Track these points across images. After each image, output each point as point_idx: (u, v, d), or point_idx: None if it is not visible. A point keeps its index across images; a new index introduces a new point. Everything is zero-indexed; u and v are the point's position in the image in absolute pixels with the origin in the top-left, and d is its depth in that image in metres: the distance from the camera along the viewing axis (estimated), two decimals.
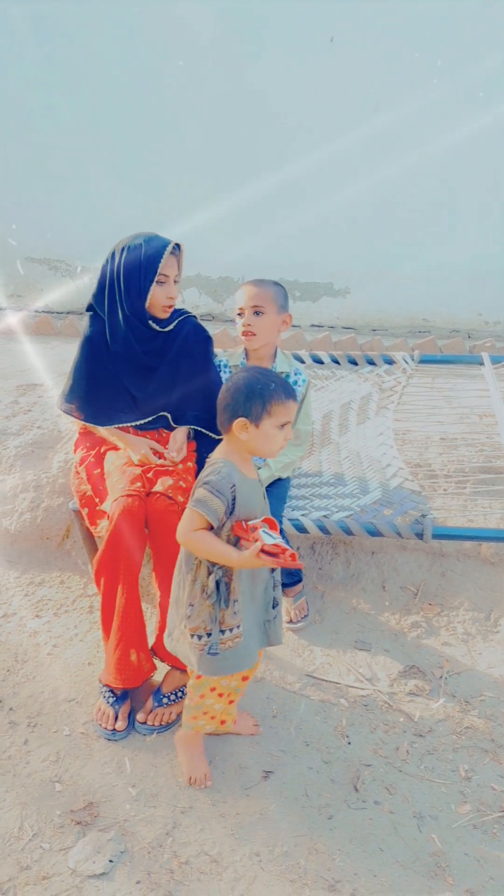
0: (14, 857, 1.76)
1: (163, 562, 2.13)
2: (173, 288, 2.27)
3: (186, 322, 2.43)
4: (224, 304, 4.92)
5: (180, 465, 2.32)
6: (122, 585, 2.09)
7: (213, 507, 1.66)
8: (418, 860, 1.77)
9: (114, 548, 2.07)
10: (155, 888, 1.70)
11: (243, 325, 2.33)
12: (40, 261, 5.01)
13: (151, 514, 2.12)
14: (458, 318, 4.75)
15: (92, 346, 2.35)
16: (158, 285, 2.22)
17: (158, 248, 2.20)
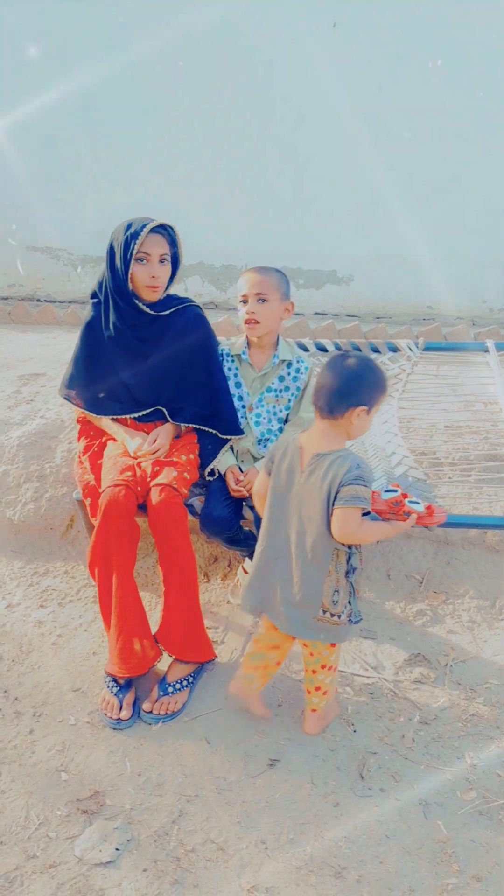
0: (20, 846, 1.77)
1: (167, 554, 2.13)
2: (157, 268, 2.21)
3: (187, 311, 2.39)
4: (227, 293, 4.90)
5: (184, 458, 2.31)
6: (115, 576, 2.09)
7: (366, 497, 1.76)
8: (424, 847, 1.77)
9: (104, 539, 2.07)
10: (161, 876, 1.70)
11: (247, 312, 2.31)
12: (41, 249, 4.98)
13: (156, 506, 2.11)
14: (462, 305, 4.73)
15: (90, 332, 2.35)
16: (139, 263, 2.19)
17: (140, 227, 2.18)
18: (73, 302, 5.07)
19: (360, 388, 1.75)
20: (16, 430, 3.01)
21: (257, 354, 2.44)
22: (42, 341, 4.08)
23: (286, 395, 2.44)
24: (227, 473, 2.37)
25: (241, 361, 2.45)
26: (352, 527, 1.76)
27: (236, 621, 2.50)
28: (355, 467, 1.75)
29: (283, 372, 2.43)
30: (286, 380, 2.43)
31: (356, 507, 1.74)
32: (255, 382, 2.44)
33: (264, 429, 2.45)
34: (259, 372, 2.43)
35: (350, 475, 1.75)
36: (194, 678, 2.21)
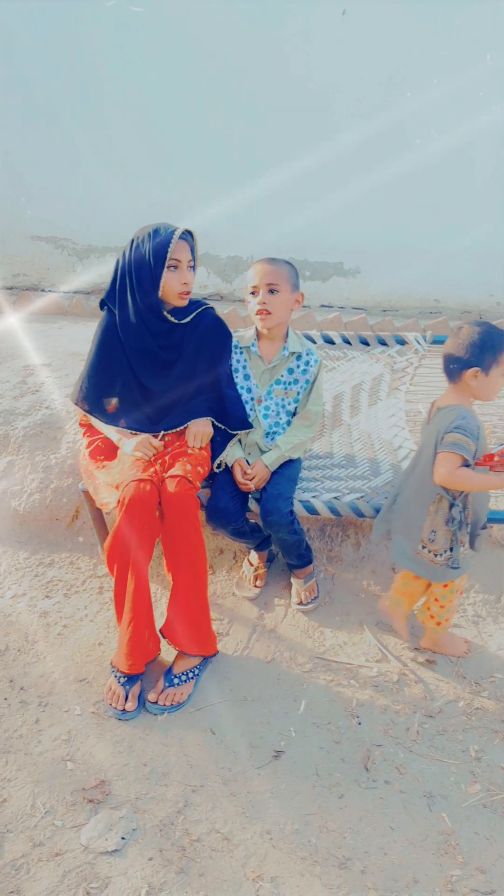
0: (27, 834, 1.78)
1: (178, 546, 2.12)
2: (187, 273, 2.21)
3: (205, 315, 2.38)
4: (233, 284, 4.88)
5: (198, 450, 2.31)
6: (132, 572, 2.09)
7: (467, 446, 1.93)
8: (428, 839, 1.78)
9: (126, 533, 2.07)
10: (167, 865, 1.71)
11: (258, 304, 2.30)
12: (46, 239, 4.97)
13: (170, 497, 2.11)
14: (469, 299, 4.70)
15: (105, 339, 2.30)
16: (171, 271, 2.18)
17: (168, 234, 2.15)
18: (78, 292, 5.05)
19: (470, 352, 1.94)
20: (21, 421, 3.01)
21: (267, 346, 2.43)
22: (47, 331, 4.07)
23: (295, 387, 2.43)
24: (235, 466, 2.36)
25: (250, 354, 2.45)
26: (446, 468, 1.94)
27: (241, 613, 2.51)
28: (461, 419, 1.96)
29: (293, 364, 2.42)
30: (295, 372, 2.42)
31: (454, 452, 1.93)
32: (265, 375, 2.43)
33: (272, 421, 2.45)
34: (268, 364, 2.42)
35: (453, 424, 1.96)
36: (200, 670, 2.22)
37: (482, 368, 1.94)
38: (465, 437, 1.94)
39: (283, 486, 2.34)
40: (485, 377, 1.96)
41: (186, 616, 2.15)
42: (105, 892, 1.65)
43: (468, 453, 1.93)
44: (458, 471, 1.94)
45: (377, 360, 3.03)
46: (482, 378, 1.96)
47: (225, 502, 2.31)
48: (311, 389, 2.43)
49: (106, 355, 2.31)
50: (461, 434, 1.94)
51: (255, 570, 2.61)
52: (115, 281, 2.25)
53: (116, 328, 2.29)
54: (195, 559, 2.14)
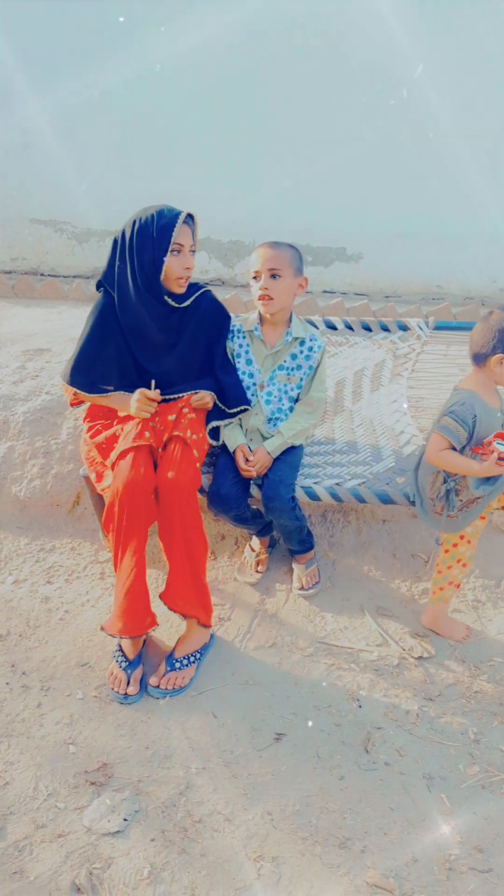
0: (29, 816, 1.79)
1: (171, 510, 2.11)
2: (189, 258, 2.19)
3: (204, 297, 2.35)
4: (234, 269, 4.86)
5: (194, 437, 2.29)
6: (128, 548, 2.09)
7: (456, 433, 2.02)
8: (427, 819, 1.80)
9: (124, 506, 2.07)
10: (169, 846, 1.73)
11: (260, 289, 2.28)
12: (45, 222, 4.93)
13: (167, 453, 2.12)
14: (472, 284, 4.68)
15: (102, 319, 2.28)
16: (173, 255, 2.15)
17: (171, 217, 2.12)
18: (78, 276, 5.03)
19: (498, 338, 1.98)
20: (21, 406, 3.01)
21: (270, 331, 2.42)
22: (47, 316, 4.05)
23: (298, 373, 2.42)
24: (237, 452, 2.36)
25: (252, 338, 2.43)
26: (432, 448, 2.07)
27: (243, 598, 2.52)
28: (459, 404, 2.04)
29: (296, 350, 2.41)
30: (298, 358, 2.42)
31: (441, 434, 2.04)
32: (267, 360, 2.42)
33: (274, 407, 2.44)
34: (271, 349, 2.41)
35: (450, 407, 2.05)
36: (201, 654, 2.23)
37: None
38: (455, 421, 2.03)
39: (284, 473, 2.34)
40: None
41: (181, 579, 2.14)
42: (108, 872, 1.67)
43: (454, 438, 2.03)
44: (442, 452, 2.05)
45: (379, 346, 3.02)
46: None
47: (226, 488, 2.31)
48: (314, 375, 2.43)
49: (101, 336, 2.28)
50: (452, 419, 2.04)
51: (256, 556, 2.61)
52: (114, 261, 2.22)
53: (113, 309, 2.26)
54: (189, 527, 2.12)
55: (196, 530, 2.13)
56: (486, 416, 2.06)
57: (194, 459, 2.18)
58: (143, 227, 2.14)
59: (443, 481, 2.14)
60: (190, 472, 2.13)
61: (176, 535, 2.11)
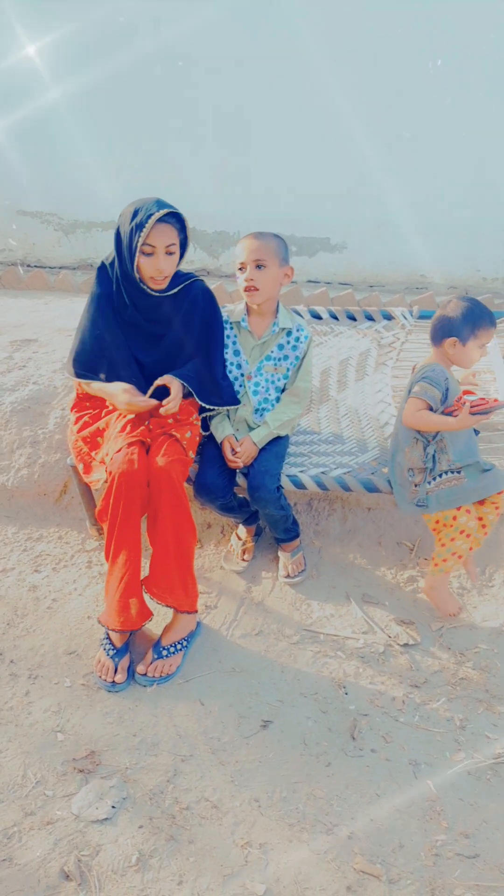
0: (18, 804, 1.80)
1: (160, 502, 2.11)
2: (162, 260, 2.12)
3: (195, 286, 2.33)
4: (219, 259, 4.84)
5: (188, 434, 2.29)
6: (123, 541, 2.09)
7: (431, 393, 2.17)
8: (414, 805, 1.82)
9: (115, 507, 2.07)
10: (157, 833, 1.74)
11: (245, 280, 2.28)
12: (32, 214, 4.90)
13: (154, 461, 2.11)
14: (455, 274, 4.70)
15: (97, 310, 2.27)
16: (144, 256, 2.11)
17: (145, 217, 2.06)
18: (64, 267, 5.00)
19: (450, 323, 2.18)
20: (8, 396, 2.99)
21: (257, 322, 2.42)
22: (33, 307, 4.03)
23: (285, 363, 2.42)
24: (224, 443, 2.36)
25: (240, 329, 2.43)
26: (409, 411, 2.20)
27: (229, 587, 2.52)
28: (430, 370, 2.21)
29: (283, 340, 2.41)
30: (286, 348, 2.42)
31: (417, 397, 2.18)
32: (255, 350, 2.42)
33: (262, 398, 2.44)
34: (258, 340, 2.41)
35: (422, 375, 2.21)
36: (188, 642, 2.24)
37: (460, 339, 2.18)
38: (430, 385, 2.18)
39: (270, 463, 2.35)
40: (462, 347, 2.19)
41: (164, 566, 2.14)
42: (96, 859, 1.68)
43: (431, 399, 2.17)
44: (419, 412, 2.18)
45: (364, 336, 3.03)
46: (459, 348, 2.19)
47: (213, 478, 2.31)
48: (300, 365, 2.43)
49: (97, 326, 2.28)
50: (427, 383, 2.19)
51: (242, 544, 2.62)
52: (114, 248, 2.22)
53: (109, 299, 2.25)
54: (177, 516, 2.11)
55: (185, 517, 2.13)
56: (454, 385, 2.24)
57: (184, 450, 2.18)
58: (122, 223, 2.14)
59: (423, 448, 2.25)
60: (179, 460, 2.13)
61: (164, 521, 2.11)
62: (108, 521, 2.10)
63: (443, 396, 2.19)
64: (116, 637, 2.19)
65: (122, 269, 2.19)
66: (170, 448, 2.14)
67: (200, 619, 2.36)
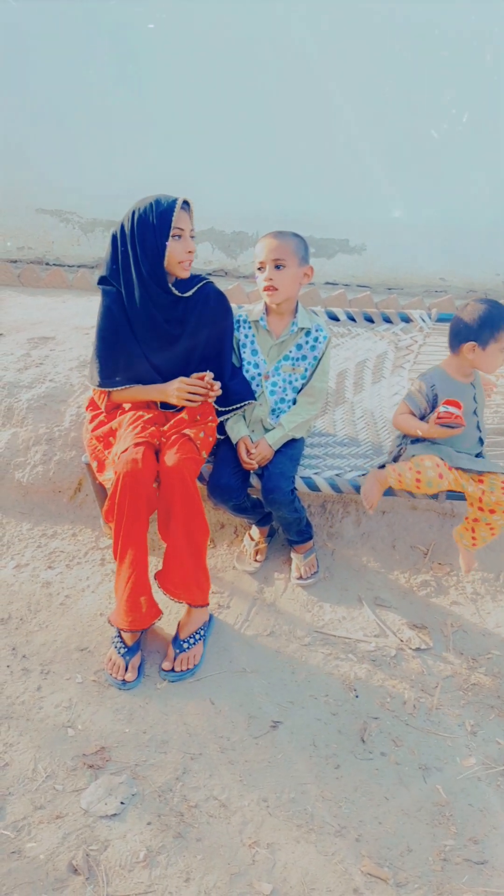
0: (28, 797, 1.81)
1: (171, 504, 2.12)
2: (190, 242, 2.19)
3: (207, 288, 2.34)
4: (237, 260, 4.85)
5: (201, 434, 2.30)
6: (130, 540, 2.10)
7: (415, 398, 2.25)
8: (423, 809, 1.81)
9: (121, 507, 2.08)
10: (165, 829, 1.74)
11: (265, 279, 2.28)
12: (51, 212, 4.93)
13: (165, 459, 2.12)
14: (474, 277, 4.67)
15: (110, 319, 2.27)
16: (175, 240, 2.15)
17: (169, 203, 2.13)
18: (83, 266, 5.02)
19: (467, 327, 2.14)
20: (25, 393, 3.01)
21: (276, 321, 2.42)
22: (52, 305, 4.05)
23: (303, 363, 2.42)
24: (239, 444, 2.36)
25: (258, 328, 2.43)
26: (395, 414, 2.31)
27: (242, 587, 2.52)
28: (423, 376, 2.27)
29: (301, 340, 2.41)
30: (304, 348, 2.41)
31: (403, 401, 2.28)
32: (273, 350, 2.42)
33: (279, 398, 2.44)
34: (277, 339, 2.41)
35: (418, 379, 2.27)
36: (205, 631, 2.25)
37: (479, 343, 2.14)
38: (415, 390, 2.25)
39: (285, 465, 2.35)
40: (482, 352, 2.15)
41: (178, 561, 2.15)
42: (104, 854, 1.68)
43: (414, 405, 2.26)
44: (400, 415, 2.28)
45: (381, 338, 3.02)
46: (479, 352, 2.15)
47: (226, 479, 2.31)
48: (317, 365, 2.42)
49: (112, 333, 2.28)
50: (414, 388, 2.26)
51: (255, 545, 2.62)
52: (117, 255, 2.21)
53: (121, 305, 2.25)
54: (189, 513, 2.12)
55: (197, 513, 2.14)
56: (450, 388, 2.23)
57: (196, 449, 2.19)
58: (143, 217, 2.14)
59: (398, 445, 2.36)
60: (191, 458, 2.14)
61: (176, 518, 2.12)
62: (115, 521, 2.12)
63: (430, 403, 2.24)
64: (128, 635, 2.20)
65: (147, 263, 2.17)
66: (182, 446, 2.15)
67: (213, 616, 2.36)
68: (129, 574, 2.12)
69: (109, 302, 2.26)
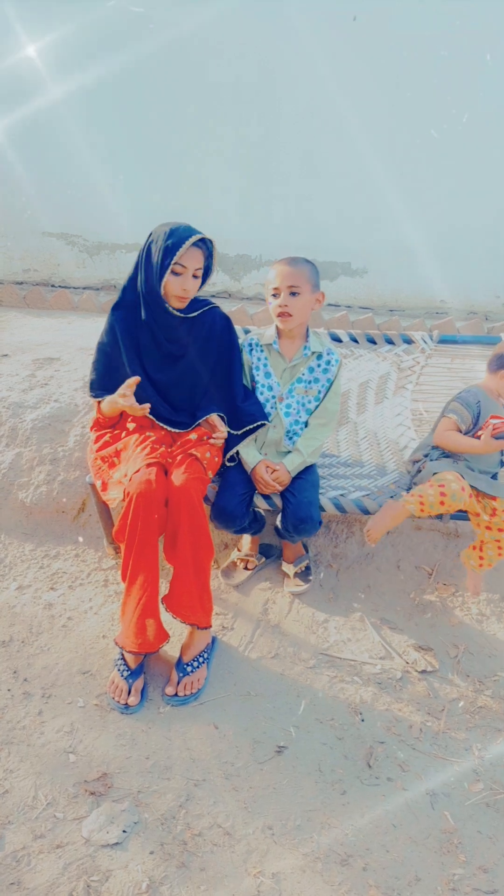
0: (28, 826, 1.77)
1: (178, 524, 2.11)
2: (190, 281, 2.19)
3: (213, 312, 2.37)
4: (241, 282, 4.88)
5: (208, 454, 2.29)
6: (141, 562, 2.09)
7: (459, 412, 2.25)
8: (431, 836, 1.77)
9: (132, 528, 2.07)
10: (168, 859, 1.71)
11: (279, 305, 2.29)
12: (57, 235, 4.98)
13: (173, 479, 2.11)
14: (475, 300, 4.69)
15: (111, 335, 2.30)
16: (174, 275, 2.17)
17: (181, 237, 2.14)
18: (88, 288, 5.06)
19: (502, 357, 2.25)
20: (30, 414, 3.01)
21: (288, 345, 2.43)
22: (57, 326, 4.07)
23: (316, 386, 2.42)
24: (260, 466, 2.33)
25: (270, 351, 2.44)
26: (438, 431, 2.29)
27: (246, 608, 2.50)
28: (466, 392, 2.29)
29: (314, 363, 2.42)
30: (316, 371, 2.42)
31: (447, 416, 2.27)
32: (286, 373, 2.42)
33: (293, 420, 2.43)
34: (289, 362, 2.42)
35: (457, 395, 2.30)
36: (208, 654, 2.23)
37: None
38: (460, 405, 2.26)
39: (311, 493, 2.33)
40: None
41: (185, 584, 2.14)
42: (106, 885, 1.65)
43: (460, 418, 2.25)
44: (446, 432, 2.26)
45: (384, 359, 3.02)
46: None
47: (233, 505, 2.30)
48: (329, 388, 2.42)
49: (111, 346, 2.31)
50: (458, 403, 2.26)
51: (244, 555, 2.63)
52: (136, 269, 2.26)
53: (125, 324, 2.28)
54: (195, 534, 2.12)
55: (203, 535, 2.13)
56: (490, 407, 2.26)
57: (204, 469, 2.19)
58: (155, 242, 2.18)
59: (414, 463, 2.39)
60: (199, 478, 2.14)
61: (183, 539, 2.11)
62: (126, 542, 2.10)
63: (474, 418, 2.24)
64: (131, 658, 2.18)
65: (147, 285, 2.22)
66: (189, 467, 2.15)
67: (216, 638, 2.34)
68: (140, 596, 2.10)
69: (113, 320, 2.31)
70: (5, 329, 4.07)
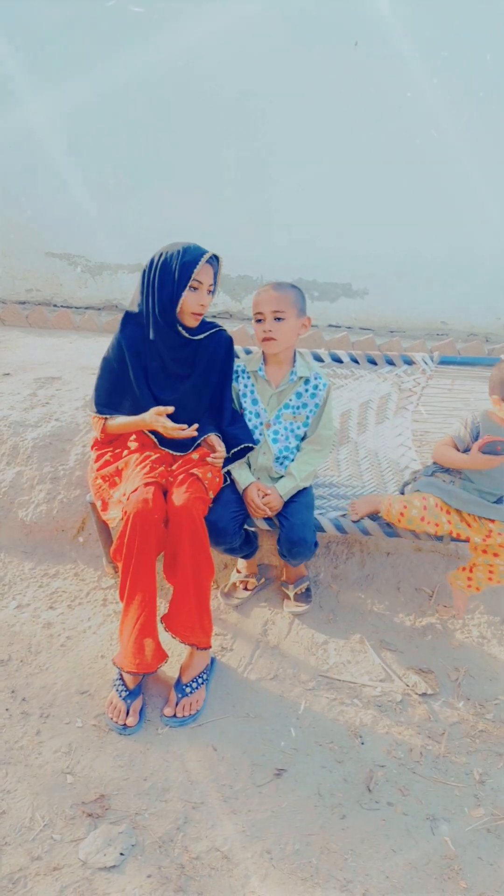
0: (25, 847, 1.76)
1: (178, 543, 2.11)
2: (205, 296, 2.24)
3: (220, 336, 2.39)
4: (242, 303, 4.92)
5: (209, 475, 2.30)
6: (139, 581, 2.08)
7: (458, 433, 2.33)
8: (431, 862, 1.75)
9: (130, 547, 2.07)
10: (165, 882, 1.69)
11: (264, 331, 2.30)
12: (59, 255, 5.02)
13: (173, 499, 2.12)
14: (475, 322, 4.73)
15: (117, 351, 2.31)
16: (191, 291, 2.20)
17: (196, 255, 2.18)
18: (90, 308, 5.10)
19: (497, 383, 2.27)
20: (31, 432, 3.02)
21: (274, 371, 2.43)
22: (59, 345, 4.10)
23: (304, 411, 2.42)
24: (252, 489, 2.33)
25: (257, 378, 2.44)
26: (437, 446, 2.37)
27: (245, 629, 2.49)
28: (469, 413, 2.36)
29: (301, 388, 2.41)
30: (304, 396, 2.42)
31: (449, 434, 2.36)
32: (272, 399, 2.43)
33: (282, 446, 2.43)
34: (276, 388, 2.42)
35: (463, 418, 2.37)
36: (207, 675, 2.21)
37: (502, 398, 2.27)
38: (461, 425, 2.33)
39: (305, 515, 2.31)
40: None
41: (186, 605, 2.13)
42: None
43: (458, 438, 2.33)
44: (441, 446, 2.35)
45: (385, 380, 3.03)
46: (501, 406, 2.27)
47: (225, 522, 2.29)
48: (320, 414, 2.41)
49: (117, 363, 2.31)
50: (460, 423, 2.35)
51: (244, 577, 2.61)
52: (143, 293, 2.26)
53: (132, 341, 2.29)
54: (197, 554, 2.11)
55: (204, 553, 2.13)
56: (492, 428, 2.28)
57: (205, 489, 2.19)
58: (167, 262, 2.20)
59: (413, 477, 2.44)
60: (200, 498, 2.14)
61: (183, 558, 2.10)
62: (123, 561, 2.10)
63: (472, 438, 2.30)
64: (129, 678, 2.16)
65: (160, 304, 2.22)
66: (191, 486, 2.15)
67: (215, 657, 2.33)
68: (138, 616, 2.09)
69: (121, 337, 2.31)
70: (7, 348, 4.10)
